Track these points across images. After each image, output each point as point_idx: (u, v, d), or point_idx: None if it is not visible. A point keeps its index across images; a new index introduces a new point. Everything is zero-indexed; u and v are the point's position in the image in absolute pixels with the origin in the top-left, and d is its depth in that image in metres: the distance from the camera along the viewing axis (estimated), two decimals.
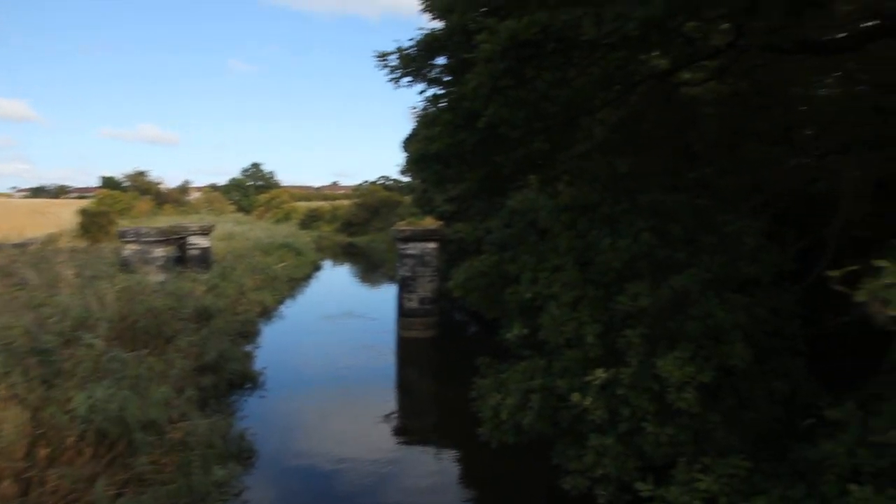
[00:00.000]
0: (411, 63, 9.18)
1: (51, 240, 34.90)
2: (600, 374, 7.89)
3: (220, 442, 12.38)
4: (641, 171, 11.54)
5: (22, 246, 29.49)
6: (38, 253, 25.33)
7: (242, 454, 12.68)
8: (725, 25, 9.16)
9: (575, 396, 8.12)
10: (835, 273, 3.98)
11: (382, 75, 9.70)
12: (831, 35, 9.74)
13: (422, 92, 9.93)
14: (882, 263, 3.58)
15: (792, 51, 9.17)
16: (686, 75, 12.36)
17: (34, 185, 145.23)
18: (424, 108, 10.30)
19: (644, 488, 7.92)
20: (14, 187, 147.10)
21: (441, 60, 9.50)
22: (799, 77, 11.98)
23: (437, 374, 20.88)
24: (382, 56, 9.47)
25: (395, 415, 16.36)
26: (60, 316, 13.24)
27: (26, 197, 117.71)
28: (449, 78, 9.42)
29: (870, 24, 9.01)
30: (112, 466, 9.96)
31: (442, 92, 9.71)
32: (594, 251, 8.74)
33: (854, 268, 3.96)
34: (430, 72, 9.48)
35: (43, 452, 9.32)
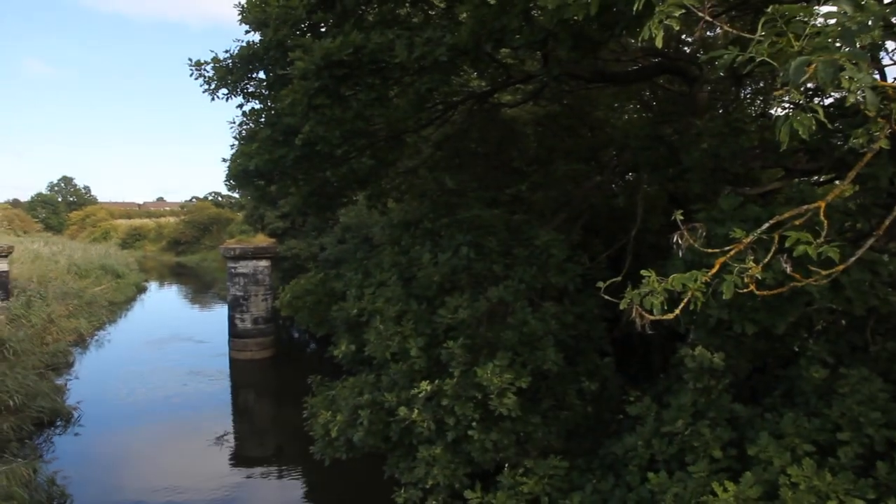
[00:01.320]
0: (228, 75, 8.89)
1: None
2: (425, 386, 8.08)
3: (22, 491, 11.10)
4: (464, 187, 12.06)
5: None
6: None
7: (52, 502, 11.48)
8: (538, 53, 9.87)
9: (402, 410, 8.25)
10: (601, 284, 4.40)
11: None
12: (626, 68, 10.86)
13: (240, 106, 9.65)
14: (645, 273, 4.01)
15: (591, 79, 10.07)
16: (506, 97, 13.15)
17: None
18: (243, 123, 10.02)
19: (472, 496, 8.19)
20: None
21: (261, 74, 9.31)
22: (603, 103, 13.22)
23: (275, 396, 20.25)
24: (197, 65, 9.09)
25: (233, 442, 15.61)
26: None
27: None
28: (267, 93, 9.24)
29: (655, 59, 10.16)
30: None
31: (260, 107, 9.52)
32: (417, 266, 8.97)
33: (616, 280, 4.41)
34: (248, 85, 9.24)
35: None
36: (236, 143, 10.10)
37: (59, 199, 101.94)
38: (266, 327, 23.60)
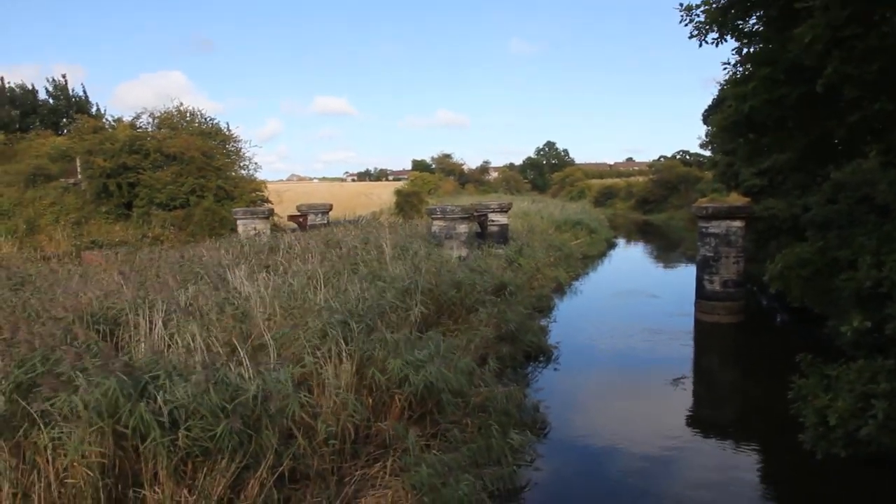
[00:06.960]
0: (720, 16, 8.21)
1: (374, 217, 40.58)
2: None
3: (515, 410, 12.69)
4: None
5: (353, 222, 34.67)
6: (365, 228, 29.08)
7: (536, 424, 12.88)
8: None
9: None
10: None
11: (678, 41, 9.02)
12: None
13: (737, 49, 8.85)
14: None
15: None
16: None
17: (361, 170, 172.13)
18: (734, 65, 9.18)
19: None
20: (346, 172, 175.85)
21: (757, 14, 8.39)
22: None
23: (740, 365, 19.07)
24: (688, 10, 8.66)
25: (691, 402, 15.35)
26: (383, 287, 14.85)
27: (354, 181, 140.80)
28: (768, 33, 8.23)
29: None
30: (422, 422, 10.94)
31: (757, 49, 8.57)
32: None
33: None
34: (743, 25, 8.39)
35: (368, 402, 10.63)
36: (724, 92, 9.39)
37: (544, 162, 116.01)
38: (735, 291, 22.32)
